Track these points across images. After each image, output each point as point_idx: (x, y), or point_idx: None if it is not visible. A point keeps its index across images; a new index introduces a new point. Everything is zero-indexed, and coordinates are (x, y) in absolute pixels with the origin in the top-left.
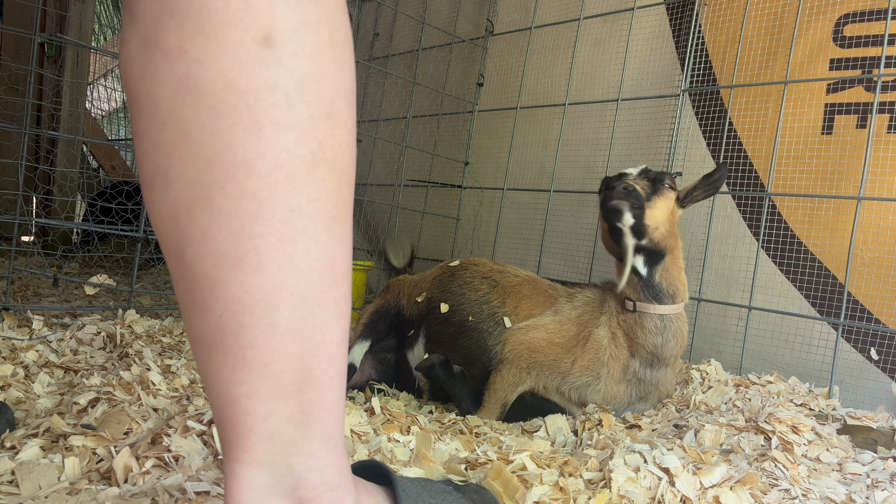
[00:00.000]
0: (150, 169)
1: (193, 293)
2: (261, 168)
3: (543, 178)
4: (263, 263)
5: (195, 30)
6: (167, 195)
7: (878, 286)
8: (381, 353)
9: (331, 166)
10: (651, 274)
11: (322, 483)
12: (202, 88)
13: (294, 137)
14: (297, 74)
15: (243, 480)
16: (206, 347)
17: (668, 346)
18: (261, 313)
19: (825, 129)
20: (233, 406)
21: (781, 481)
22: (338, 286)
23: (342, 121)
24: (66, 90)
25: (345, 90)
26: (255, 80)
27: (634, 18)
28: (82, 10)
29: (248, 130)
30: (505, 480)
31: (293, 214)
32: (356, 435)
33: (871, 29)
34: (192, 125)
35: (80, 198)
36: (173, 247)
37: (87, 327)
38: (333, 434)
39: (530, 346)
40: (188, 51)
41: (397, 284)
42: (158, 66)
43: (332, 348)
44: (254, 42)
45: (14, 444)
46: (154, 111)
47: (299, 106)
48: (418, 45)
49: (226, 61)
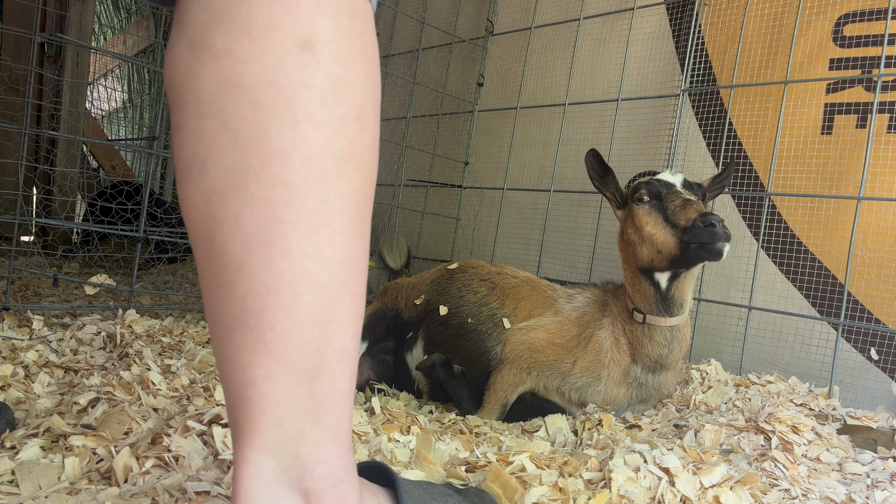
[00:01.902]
0: (188, 157)
1: (219, 276)
2: (294, 159)
3: (543, 178)
4: (291, 248)
5: (242, 33)
6: (202, 182)
7: (878, 286)
8: (379, 354)
9: (358, 165)
10: (669, 287)
11: (328, 476)
12: (245, 84)
13: (326, 134)
14: (331, 77)
15: (253, 466)
16: (227, 330)
17: (673, 354)
18: (284, 296)
19: (825, 128)
20: (248, 388)
21: (781, 481)
22: (355, 280)
23: (369, 125)
24: (66, 90)
25: (372, 98)
26: (294, 79)
27: (634, 18)
28: (82, 10)
29: (285, 123)
30: (504, 482)
31: (321, 205)
32: (356, 435)
33: (870, 29)
34: (234, 117)
35: (80, 198)
36: (204, 231)
37: (87, 327)
38: (341, 428)
39: (531, 346)
40: (234, 51)
41: (395, 287)
42: (205, 65)
43: (346, 340)
44: (295, 45)
45: (14, 444)
46: (197, 104)
47: (332, 105)
48: (418, 45)
49: (269, 61)
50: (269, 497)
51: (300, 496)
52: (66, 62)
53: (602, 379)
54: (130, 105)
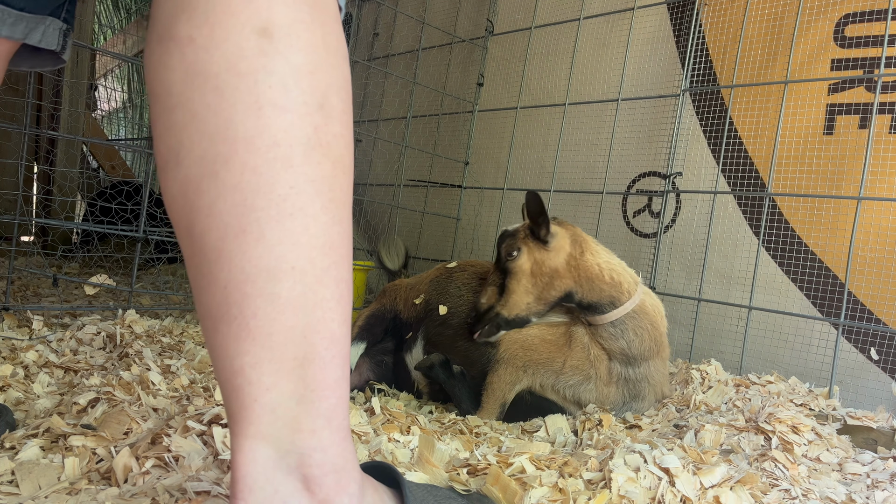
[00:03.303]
0: (164, 151)
1: (201, 267)
2: (260, 144)
3: (543, 178)
4: (265, 235)
5: (203, 20)
6: (178, 173)
7: (880, 286)
8: (378, 355)
9: (325, 152)
10: (576, 300)
11: (326, 462)
12: (208, 71)
13: (290, 119)
14: (292, 63)
15: (249, 454)
16: (213, 320)
17: (634, 346)
18: (262, 283)
19: (827, 129)
20: (237, 377)
21: (781, 481)
22: (338, 267)
23: (335, 114)
24: (66, 90)
25: (337, 87)
26: (255, 65)
27: (635, 18)
28: (82, 10)
29: (248, 109)
30: (503, 485)
31: (292, 191)
32: (356, 435)
33: (872, 29)
34: (199, 105)
35: (79, 198)
36: (184, 223)
37: (87, 327)
38: (336, 415)
39: (524, 344)
40: (196, 38)
41: (393, 289)
42: (171, 56)
43: (334, 327)
44: (253, 31)
45: (14, 445)
46: (167, 96)
47: (294, 91)
48: (418, 45)
49: (228, 47)
50: (267, 482)
51: (299, 482)
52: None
53: (592, 378)
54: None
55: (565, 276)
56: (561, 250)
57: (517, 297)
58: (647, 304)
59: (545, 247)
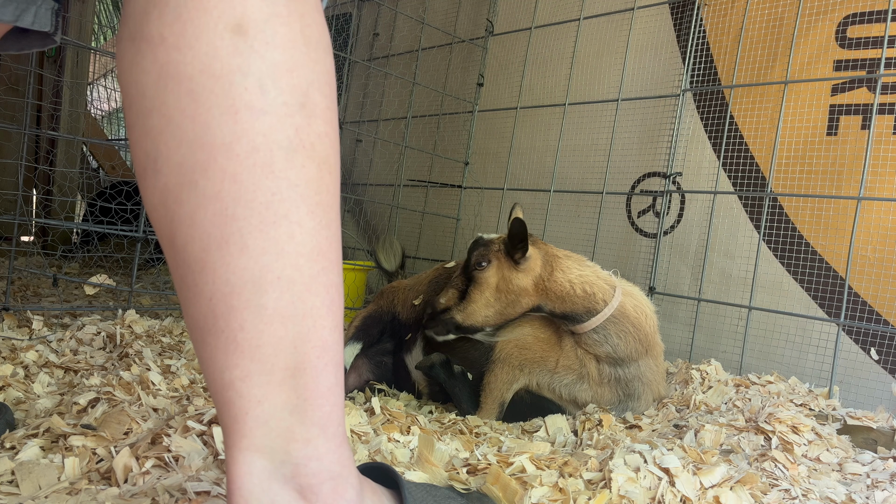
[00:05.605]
0: (142, 157)
1: (185, 278)
2: (239, 150)
3: (544, 177)
4: (248, 245)
5: (174, 17)
6: (157, 181)
7: (883, 285)
8: (377, 356)
9: (309, 154)
10: (546, 311)
11: (322, 471)
12: (181, 73)
13: (269, 122)
14: (268, 62)
15: (244, 466)
16: (200, 332)
17: (619, 349)
18: (248, 295)
19: (830, 129)
20: (228, 390)
21: (781, 481)
22: (327, 272)
23: (318, 112)
24: (65, 90)
25: (320, 83)
26: (229, 66)
27: (635, 18)
28: (82, 10)
29: (224, 113)
30: (504, 485)
31: (274, 198)
32: (356, 435)
33: (873, 30)
34: (174, 110)
35: (79, 198)
36: (166, 233)
37: (87, 327)
38: (331, 422)
39: (518, 343)
40: (167, 37)
41: (391, 290)
42: (144, 56)
43: (325, 334)
44: (227, 29)
45: (14, 445)
46: (141, 100)
47: (272, 92)
48: (418, 45)
49: (201, 47)
50: (263, 493)
51: (296, 492)
52: (66, 62)
53: (584, 378)
54: None
55: (532, 295)
56: (530, 272)
57: (476, 307)
58: (628, 305)
59: (516, 266)
